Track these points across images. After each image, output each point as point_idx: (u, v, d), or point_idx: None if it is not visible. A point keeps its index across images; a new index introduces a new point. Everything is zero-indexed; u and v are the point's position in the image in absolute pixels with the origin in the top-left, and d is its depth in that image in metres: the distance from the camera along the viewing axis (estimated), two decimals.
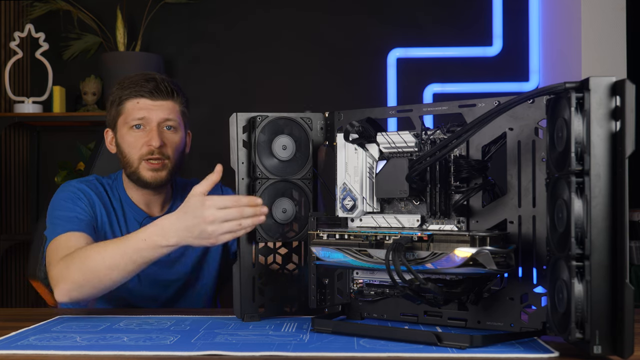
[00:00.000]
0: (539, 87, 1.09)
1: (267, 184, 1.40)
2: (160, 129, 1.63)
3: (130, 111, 1.64)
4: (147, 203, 1.72)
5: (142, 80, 1.64)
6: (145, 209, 1.72)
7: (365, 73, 3.53)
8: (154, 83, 1.63)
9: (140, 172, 1.64)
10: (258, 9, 3.62)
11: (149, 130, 1.63)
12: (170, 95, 1.65)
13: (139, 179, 1.64)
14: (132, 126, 1.64)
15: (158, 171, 1.63)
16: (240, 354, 1.07)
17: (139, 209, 1.71)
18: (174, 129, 1.65)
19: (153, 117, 1.63)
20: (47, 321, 1.40)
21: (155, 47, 3.62)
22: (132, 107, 1.64)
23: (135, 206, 1.71)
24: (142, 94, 1.63)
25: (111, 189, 1.73)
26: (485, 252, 1.13)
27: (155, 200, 1.72)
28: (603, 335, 0.99)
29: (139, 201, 1.71)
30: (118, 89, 1.67)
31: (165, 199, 1.74)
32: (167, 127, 1.64)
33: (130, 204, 1.71)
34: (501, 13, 3.38)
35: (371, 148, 1.32)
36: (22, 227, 3.68)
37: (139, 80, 1.64)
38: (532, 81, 3.34)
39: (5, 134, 3.58)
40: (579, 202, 1.01)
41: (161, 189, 1.70)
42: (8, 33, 3.67)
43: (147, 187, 1.66)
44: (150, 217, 1.71)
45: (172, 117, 1.65)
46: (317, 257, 1.31)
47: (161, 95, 1.64)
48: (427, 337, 1.14)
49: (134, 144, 1.64)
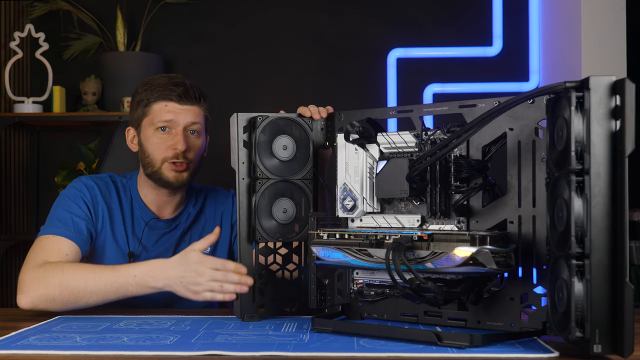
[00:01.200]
0: (539, 87, 1.09)
1: (267, 184, 1.40)
2: (185, 133, 1.65)
3: (158, 113, 1.65)
4: (160, 204, 1.72)
5: (170, 84, 1.66)
6: (156, 210, 1.72)
7: (365, 73, 3.53)
8: (183, 88, 1.65)
9: (162, 172, 1.65)
10: (258, 9, 3.62)
11: (175, 134, 1.64)
12: (197, 100, 1.67)
13: (161, 179, 1.66)
14: (158, 128, 1.65)
15: (181, 172, 1.65)
16: (240, 354, 1.07)
17: (148, 210, 1.71)
18: (197, 133, 1.67)
19: (180, 120, 1.64)
20: (47, 321, 1.40)
21: (155, 47, 3.62)
22: (160, 109, 1.65)
23: (144, 206, 1.72)
24: (171, 97, 1.65)
25: (124, 188, 1.74)
26: (485, 251, 1.13)
27: (169, 202, 1.73)
28: (603, 334, 0.99)
29: (151, 202, 1.72)
30: (145, 90, 1.68)
31: (179, 201, 1.74)
32: (192, 132, 1.67)
33: (140, 204, 1.72)
34: (501, 13, 3.38)
35: (371, 148, 1.32)
36: (22, 227, 3.68)
37: (167, 84, 1.66)
38: (532, 81, 3.34)
39: (5, 134, 3.58)
40: (579, 201, 1.01)
41: (179, 190, 1.71)
42: (8, 33, 3.67)
43: (168, 186, 1.67)
44: (157, 219, 1.71)
45: (197, 121, 1.67)
46: (317, 257, 1.31)
47: (189, 100, 1.66)
48: (427, 336, 1.14)
49: (160, 145, 1.65)
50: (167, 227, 1.73)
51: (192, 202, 1.77)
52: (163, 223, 1.72)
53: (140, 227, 1.71)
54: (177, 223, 1.74)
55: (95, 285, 1.44)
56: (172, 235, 1.74)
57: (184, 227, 1.75)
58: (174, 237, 1.74)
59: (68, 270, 1.47)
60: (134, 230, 1.71)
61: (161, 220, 1.72)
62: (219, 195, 1.82)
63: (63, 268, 1.48)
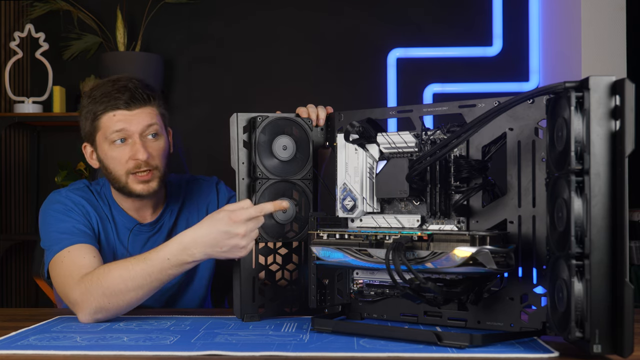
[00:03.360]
0: (539, 87, 1.09)
1: (267, 184, 1.40)
2: (143, 139, 1.55)
3: (108, 125, 1.55)
4: (139, 208, 1.66)
5: (114, 92, 1.54)
6: (136, 215, 1.66)
7: (365, 73, 3.53)
8: (128, 93, 1.54)
9: (130, 185, 1.57)
10: (258, 9, 3.62)
11: (132, 143, 1.55)
12: (147, 100, 1.56)
13: (131, 193, 1.58)
14: (113, 141, 1.55)
15: (148, 183, 1.57)
16: (240, 354, 1.07)
17: (129, 216, 1.65)
18: (157, 135, 1.58)
19: (133, 128, 1.54)
20: (47, 321, 1.40)
21: (155, 47, 3.62)
22: (109, 121, 1.54)
23: (124, 213, 1.65)
24: (117, 106, 1.54)
25: (99, 195, 1.66)
26: (485, 251, 1.13)
27: (146, 205, 1.66)
28: (603, 334, 0.99)
29: (129, 208, 1.65)
30: (90, 103, 1.57)
31: (157, 201, 1.67)
32: (151, 135, 1.57)
33: (120, 211, 1.65)
34: (501, 13, 3.38)
35: (371, 148, 1.32)
36: (22, 227, 3.68)
37: (111, 92, 1.54)
38: (532, 81, 3.34)
39: (5, 134, 3.58)
40: (579, 201, 1.01)
41: (153, 196, 1.63)
42: (8, 33, 3.67)
43: (140, 198, 1.60)
44: (141, 224, 1.66)
45: (153, 122, 1.57)
46: (317, 257, 1.31)
47: (138, 103, 1.55)
48: (427, 336, 1.14)
49: (119, 159, 1.56)
50: (151, 230, 1.67)
51: (173, 198, 1.71)
52: (146, 227, 1.66)
53: (125, 234, 1.65)
54: (160, 224, 1.68)
55: (135, 282, 1.36)
56: (158, 237, 1.67)
57: (169, 225, 1.69)
58: (161, 238, 1.67)
59: (103, 276, 1.38)
60: (119, 237, 1.65)
61: (144, 224, 1.66)
62: (202, 186, 1.75)
63: (99, 276, 1.38)
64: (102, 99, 1.55)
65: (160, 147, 1.58)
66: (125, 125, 1.54)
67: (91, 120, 1.58)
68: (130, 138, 1.55)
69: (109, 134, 1.55)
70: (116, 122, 1.54)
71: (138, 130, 1.55)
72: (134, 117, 1.55)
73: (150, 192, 1.58)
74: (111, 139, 1.55)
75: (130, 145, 1.55)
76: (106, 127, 1.55)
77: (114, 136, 1.55)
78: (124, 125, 1.54)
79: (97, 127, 1.57)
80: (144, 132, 1.56)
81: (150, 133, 1.57)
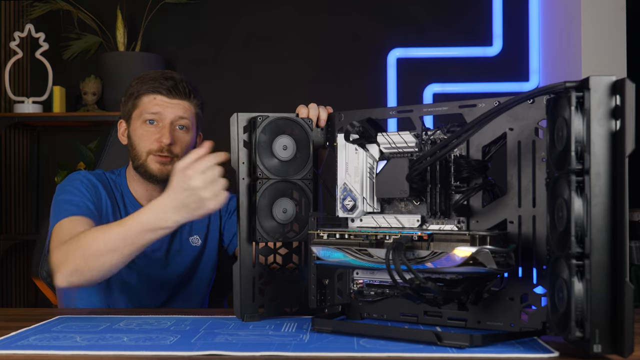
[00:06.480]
0: (539, 87, 1.09)
1: (267, 184, 1.40)
2: (172, 127, 1.66)
3: (146, 105, 1.67)
4: (150, 199, 1.68)
5: (161, 78, 1.67)
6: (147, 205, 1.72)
7: (365, 73, 3.53)
8: (172, 82, 1.66)
9: (147, 164, 1.66)
10: (258, 9, 3.62)
11: (161, 127, 1.65)
12: (187, 96, 1.68)
13: (146, 172, 1.67)
14: (146, 120, 1.66)
15: (165, 165, 1.66)
16: (240, 354, 1.07)
17: (139, 205, 1.72)
18: (186, 128, 1.68)
19: (167, 114, 1.65)
20: (47, 321, 1.40)
21: (155, 47, 3.62)
22: (149, 102, 1.67)
23: (136, 202, 1.73)
24: (159, 90, 1.66)
25: (115, 184, 1.75)
26: (485, 251, 1.13)
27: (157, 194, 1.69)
28: (603, 334, 0.99)
29: (142, 197, 1.73)
30: (137, 83, 1.70)
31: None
32: (180, 127, 1.67)
33: (132, 199, 1.73)
34: (501, 13, 3.39)
35: (371, 148, 1.32)
36: (22, 227, 3.68)
37: (158, 77, 1.67)
38: (532, 81, 3.34)
39: (5, 134, 3.58)
40: (579, 201, 1.01)
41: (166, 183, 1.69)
42: (8, 33, 3.67)
43: (153, 179, 1.68)
44: None
45: (186, 116, 1.67)
46: (317, 257, 1.31)
47: (178, 95, 1.67)
48: (427, 336, 1.14)
49: (145, 137, 1.66)
50: None
51: None
52: None
53: None
54: None
55: (111, 243, 1.40)
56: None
57: None
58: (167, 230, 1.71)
59: (84, 237, 1.44)
60: None
61: None
62: None
63: (79, 238, 1.44)
64: (148, 81, 1.68)
65: (186, 140, 1.69)
66: (161, 110, 1.66)
67: (134, 98, 1.69)
68: (161, 122, 1.66)
69: (145, 113, 1.66)
70: (154, 105, 1.66)
71: (170, 118, 1.66)
72: (171, 105, 1.66)
73: (164, 175, 1.65)
74: (144, 118, 1.67)
75: (160, 128, 1.66)
76: (144, 106, 1.67)
77: (148, 116, 1.66)
78: (160, 110, 1.66)
79: (136, 105, 1.69)
80: (175, 121, 1.67)
81: (180, 124, 1.68)
